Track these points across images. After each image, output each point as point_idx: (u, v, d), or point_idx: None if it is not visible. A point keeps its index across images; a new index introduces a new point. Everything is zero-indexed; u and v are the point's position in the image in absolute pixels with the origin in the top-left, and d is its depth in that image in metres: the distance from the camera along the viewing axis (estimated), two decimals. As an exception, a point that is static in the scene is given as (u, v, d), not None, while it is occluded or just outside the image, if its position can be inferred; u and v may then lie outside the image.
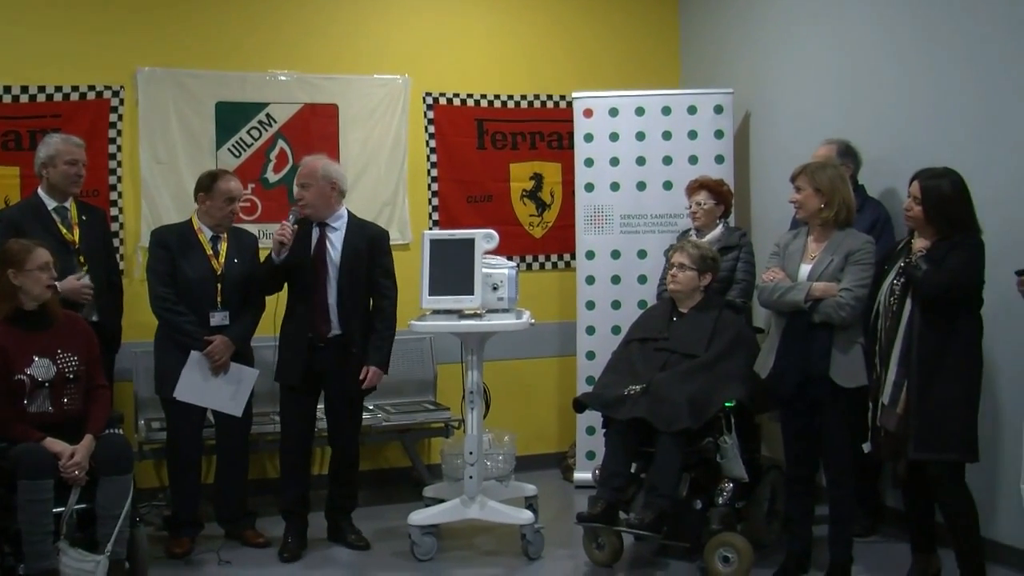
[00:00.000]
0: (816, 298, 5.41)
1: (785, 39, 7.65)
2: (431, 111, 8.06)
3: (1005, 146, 5.49)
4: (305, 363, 6.20)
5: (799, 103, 7.48)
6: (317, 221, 6.25)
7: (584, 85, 8.00)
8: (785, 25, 7.66)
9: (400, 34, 8.01)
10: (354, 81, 7.85)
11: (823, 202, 5.53)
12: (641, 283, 7.66)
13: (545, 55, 8.38)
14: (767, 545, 6.10)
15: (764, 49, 7.86)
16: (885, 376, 5.34)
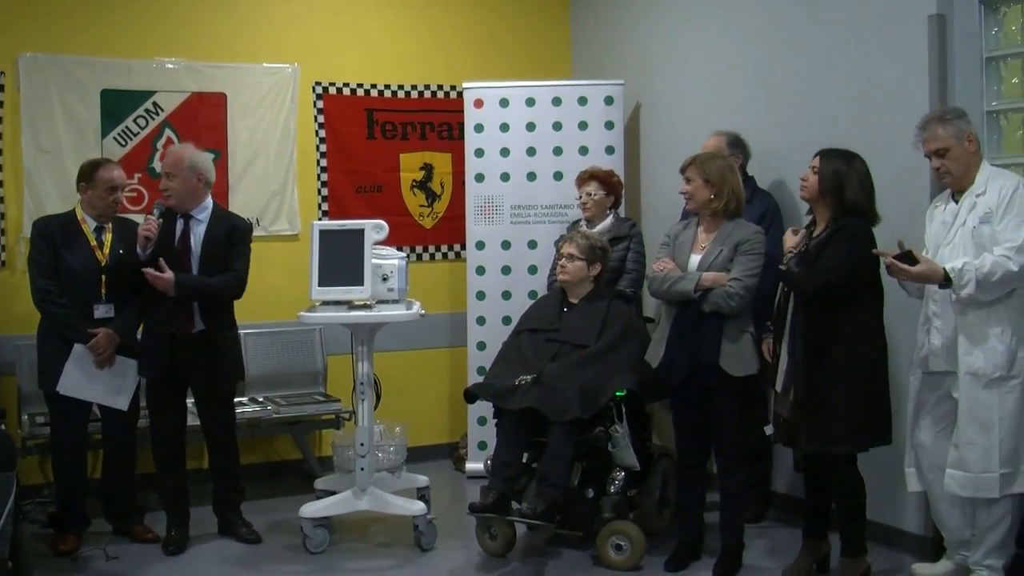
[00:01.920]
0: (706, 288, 5.48)
1: (675, 30, 7.72)
2: (320, 101, 8.00)
3: (893, 135, 5.59)
4: (168, 358, 6.12)
5: (689, 94, 7.56)
6: (182, 212, 6.17)
7: (475, 75, 8.00)
8: (675, 16, 7.72)
9: (290, 23, 7.93)
10: (243, 70, 7.76)
11: (713, 193, 5.59)
12: (531, 273, 7.67)
13: (436, 45, 8.35)
14: (659, 532, 6.17)
15: (654, 40, 7.92)
16: (779, 364, 5.45)
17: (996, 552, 5.18)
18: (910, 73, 5.82)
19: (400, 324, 6.19)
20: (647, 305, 6.89)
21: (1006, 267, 4.90)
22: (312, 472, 7.33)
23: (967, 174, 5.17)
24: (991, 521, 5.15)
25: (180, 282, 5.97)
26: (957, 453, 5.14)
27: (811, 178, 5.38)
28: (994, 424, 5.04)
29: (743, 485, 5.85)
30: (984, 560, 5.21)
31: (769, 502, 6.70)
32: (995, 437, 5.04)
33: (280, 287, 7.34)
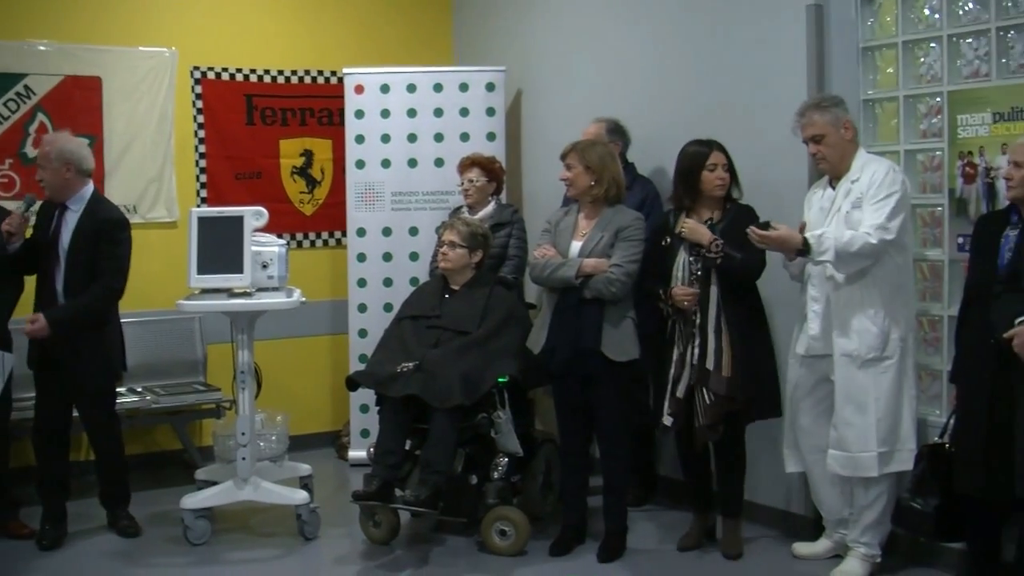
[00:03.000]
0: (587, 274, 5.52)
1: (557, 18, 7.74)
2: (199, 85, 7.87)
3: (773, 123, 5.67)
4: (39, 349, 6.00)
5: (570, 81, 7.59)
6: (58, 203, 6.04)
7: (355, 61, 7.93)
8: (557, 3, 7.75)
9: (167, 6, 7.76)
10: (118, 53, 7.58)
11: (593, 179, 5.63)
12: (413, 260, 7.65)
13: (316, 30, 8.27)
14: (543, 517, 6.20)
15: (536, 27, 7.94)
16: (706, 345, 5.51)
17: (873, 530, 5.32)
18: (788, 61, 5.91)
19: (281, 312, 6.12)
20: (529, 291, 6.91)
21: (865, 239, 5.05)
22: (193, 462, 7.24)
23: (843, 160, 5.30)
24: (868, 500, 5.28)
25: (54, 322, 5.85)
26: (836, 434, 5.27)
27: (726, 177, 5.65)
28: (870, 404, 5.18)
29: (626, 469, 5.92)
30: (861, 538, 5.34)
31: (652, 485, 6.77)
32: (872, 417, 5.17)
33: (158, 275, 7.21)
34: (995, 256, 4.75)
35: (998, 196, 5.02)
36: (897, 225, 5.10)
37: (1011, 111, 5.15)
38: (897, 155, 5.65)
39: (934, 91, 5.56)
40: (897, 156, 5.64)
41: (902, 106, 5.70)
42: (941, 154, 5.52)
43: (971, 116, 5.32)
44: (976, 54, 5.39)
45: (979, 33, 5.34)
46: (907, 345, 5.26)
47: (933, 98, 5.59)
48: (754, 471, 5.95)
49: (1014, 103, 5.13)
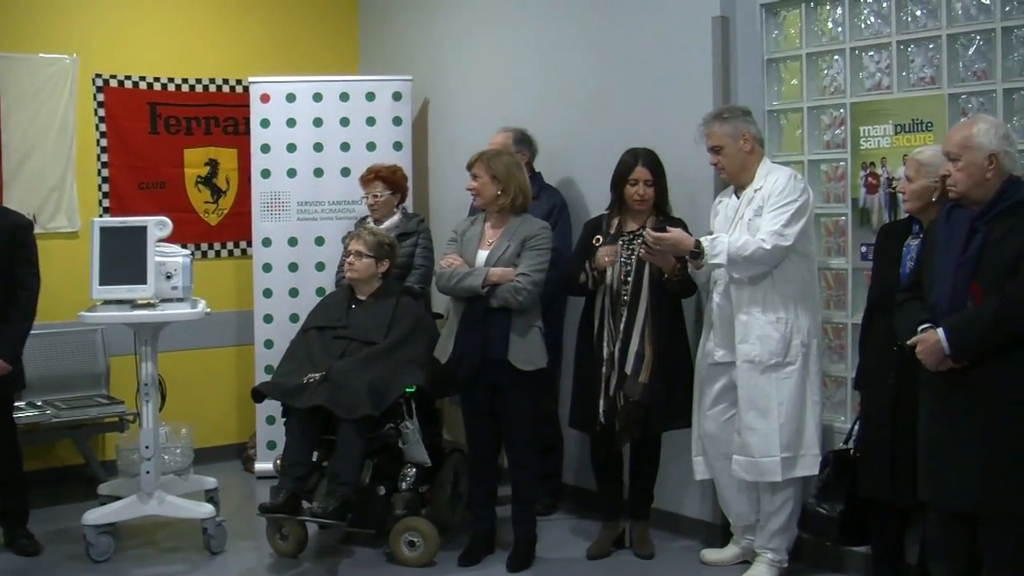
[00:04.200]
0: (493, 283, 5.52)
1: (463, 27, 7.74)
2: (101, 93, 7.73)
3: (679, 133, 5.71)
4: None
5: (477, 91, 7.59)
6: None
7: (261, 70, 7.86)
8: (463, 13, 7.75)
9: (68, 12, 7.60)
10: (17, 60, 7.42)
11: (499, 189, 5.63)
12: (319, 270, 7.59)
13: (221, 38, 8.17)
14: (452, 527, 6.18)
15: (443, 36, 7.92)
16: (628, 349, 5.58)
17: (780, 535, 5.40)
18: (695, 73, 5.97)
19: (185, 323, 6.05)
20: (436, 301, 6.89)
21: (759, 245, 5.15)
22: (96, 477, 7.09)
23: (743, 170, 5.39)
24: (775, 506, 5.36)
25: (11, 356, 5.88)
26: (740, 439, 5.35)
27: (648, 192, 5.73)
28: (772, 410, 5.26)
29: (534, 478, 5.93)
30: (769, 544, 5.42)
31: (560, 494, 6.79)
32: (774, 422, 5.25)
33: (59, 286, 7.04)
34: (898, 265, 4.84)
35: (900, 206, 5.10)
36: (795, 232, 5.18)
37: (912, 123, 5.26)
38: (801, 165, 5.73)
39: (837, 103, 5.66)
40: (801, 166, 5.72)
41: (806, 117, 5.79)
42: (844, 164, 5.61)
43: (873, 127, 5.43)
44: (878, 67, 5.50)
45: (881, 47, 5.46)
46: (810, 351, 5.34)
47: (836, 109, 5.68)
48: (664, 478, 6.01)
49: (915, 115, 5.24)
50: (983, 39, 5.08)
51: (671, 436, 5.87)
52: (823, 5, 5.72)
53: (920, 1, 5.30)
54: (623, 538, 6.01)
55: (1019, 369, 4.12)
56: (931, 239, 4.45)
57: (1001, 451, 4.11)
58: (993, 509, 4.16)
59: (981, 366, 4.13)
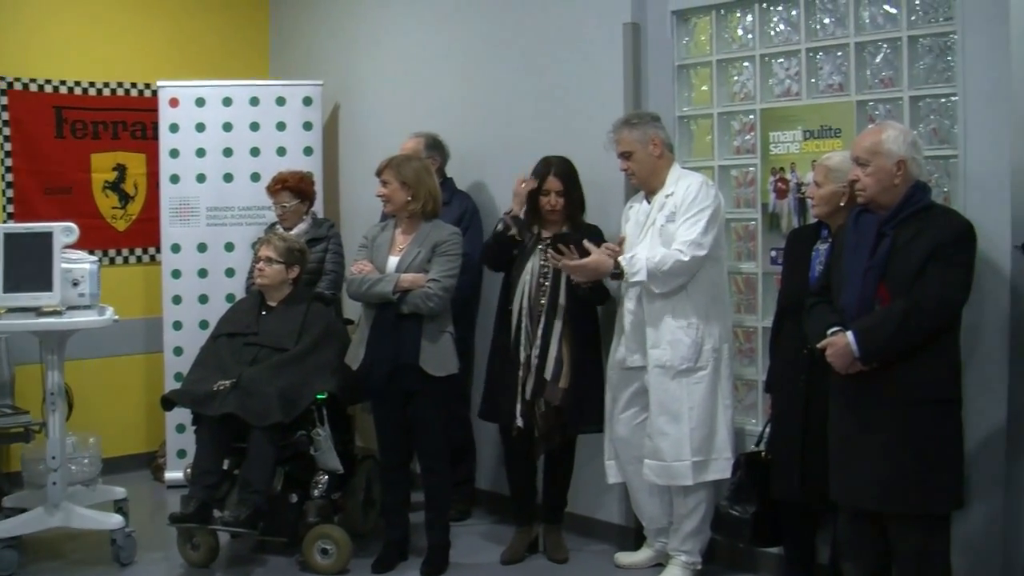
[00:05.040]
0: (404, 289, 5.50)
1: (374, 32, 7.71)
2: (4, 96, 7.57)
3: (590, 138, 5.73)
4: None
5: (388, 96, 7.57)
6: None
7: (170, 74, 7.76)
8: (374, 18, 7.72)
9: (-30, 15, 7.50)
10: (-85, 64, 7.30)
11: (409, 195, 5.62)
12: (229, 276, 7.51)
13: (129, 41, 8.04)
14: (365, 534, 6.15)
15: (354, 41, 7.88)
16: (547, 354, 5.61)
17: (693, 538, 5.44)
18: (606, 78, 6.01)
19: (92, 331, 5.92)
20: (347, 307, 6.85)
21: (677, 257, 5.19)
22: (0, 489, 6.96)
23: (653, 176, 5.43)
24: (687, 509, 5.40)
25: None
26: (651, 443, 5.38)
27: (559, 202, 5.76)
28: (684, 414, 5.30)
29: (447, 484, 5.91)
30: (682, 546, 5.46)
31: (473, 499, 6.78)
32: (686, 427, 5.30)
33: (-39, 294, 6.95)
34: (807, 269, 4.91)
35: (809, 211, 5.16)
36: (710, 240, 5.24)
37: (820, 129, 5.32)
38: (711, 170, 5.79)
39: (747, 109, 5.72)
40: (711, 171, 5.77)
41: (716, 123, 5.84)
42: (754, 170, 5.67)
43: (783, 133, 5.49)
44: (787, 74, 5.57)
45: (790, 54, 5.53)
46: (721, 356, 5.39)
47: (746, 115, 5.75)
48: (577, 483, 6.03)
49: (823, 121, 5.31)
50: (890, 47, 5.16)
51: (584, 440, 5.89)
52: (733, 12, 5.78)
53: (829, 10, 5.38)
54: (537, 543, 6.04)
55: (926, 370, 4.22)
56: (839, 243, 4.52)
57: (909, 451, 4.20)
58: (902, 508, 4.25)
59: (889, 368, 4.21)
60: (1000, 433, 4.69)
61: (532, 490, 6.03)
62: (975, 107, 4.75)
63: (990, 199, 4.67)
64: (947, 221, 4.29)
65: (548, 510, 6.02)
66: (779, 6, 5.59)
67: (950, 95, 4.93)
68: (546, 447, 5.79)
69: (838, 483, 4.42)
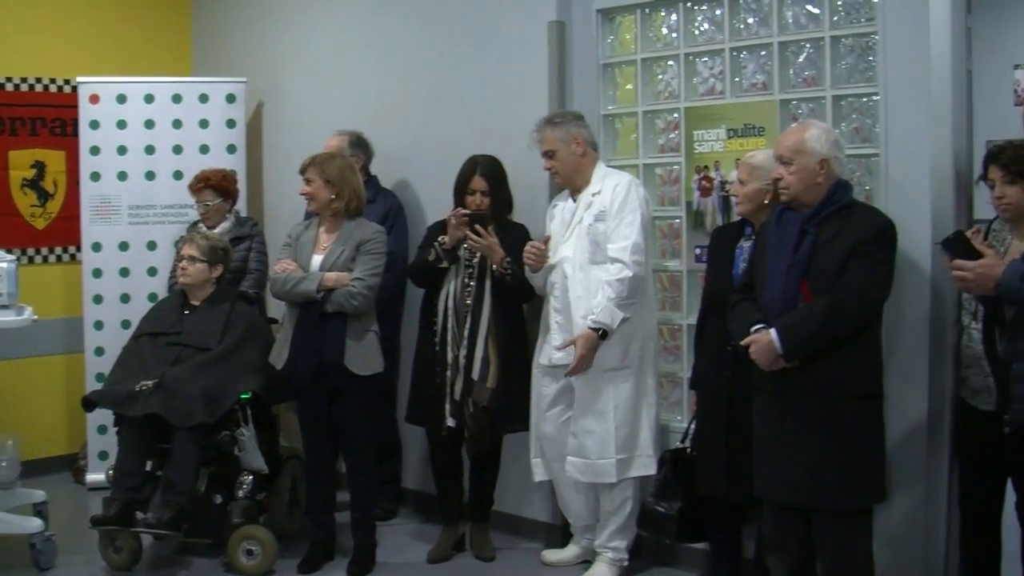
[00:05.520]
0: (328, 288, 5.47)
1: (298, 29, 7.65)
2: (-84, 92, 7.47)
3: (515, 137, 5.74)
4: None
5: (313, 93, 7.51)
6: None
7: (90, 70, 7.65)
8: (298, 14, 7.66)
9: None
10: None
11: (333, 193, 5.59)
12: (151, 275, 7.42)
13: (48, 36, 7.91)
14: (291, 535, 6.11)
15: (277, 38, 7.82)
16: (474, 354, 5.62)
17: (619, 534, 5.47)
18: (531, 76, 6.02)
19: (10, 331, 5.83)
20: (271, 306, 6.80)
21: (626, 277, 5.23)
22: (-84, 493, 6.85)
23: (577, 174, 5.45)
24: (613, 505, 5.43)
25: None
26: (576, 441, 5.39)
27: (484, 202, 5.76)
28: (609, 412, 5.34)
29: (373, 483, 5.90)
30: (609, 543, 5.49)
31: (400, 499, 6.76)
32: (611, 425, 5.33)
33: None
34: (731, 267, 4.95)
35: (732, 209, 5.21)
36: (644, 244, 5.28)
37: (744, 128, 5.37)
38: (636, 169, 5.82)
39: (672, 107, 5.76)
40: (636, 170, 5.80)
41: (641, 121, 5.87)
42: (678, 168, 5.71)
43: (707, 132, 5.53)
44: (711, 72, 5.61)
45: (714, 53, 5.58)
46: (647, 354, 5.43)
47: (671, 114, 5.78)
48: (504, 481, 6.04)
49: (747, 120, 5.36)
50: (813, 47, 5.23)
51: (511, 439, 5.89)
52: (658, 11, 5.82)
53: (752, 9, 5.43)
54: (464, 541, 6.03)
55: (848, 367, 4.27)
56: (763, 241, 4.56)
57: (832, 447, 4.25)
58: (825, 503, 4.30)
59: (812, 365, 4.26)
60: (921, 427, 4.77)
61: (459, 488, 6.03)
62: (896, 106, 4.83)
63: (910, 197, 4.75)
64: (868, 219, 4.35)
65: (475, 508, 6.01)
66: (703, 6, 5.64)
67: (871, 94, 5.00)
68: (476, 447, 5.80)
69: (762, 479, 4.47)
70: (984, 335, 4.31)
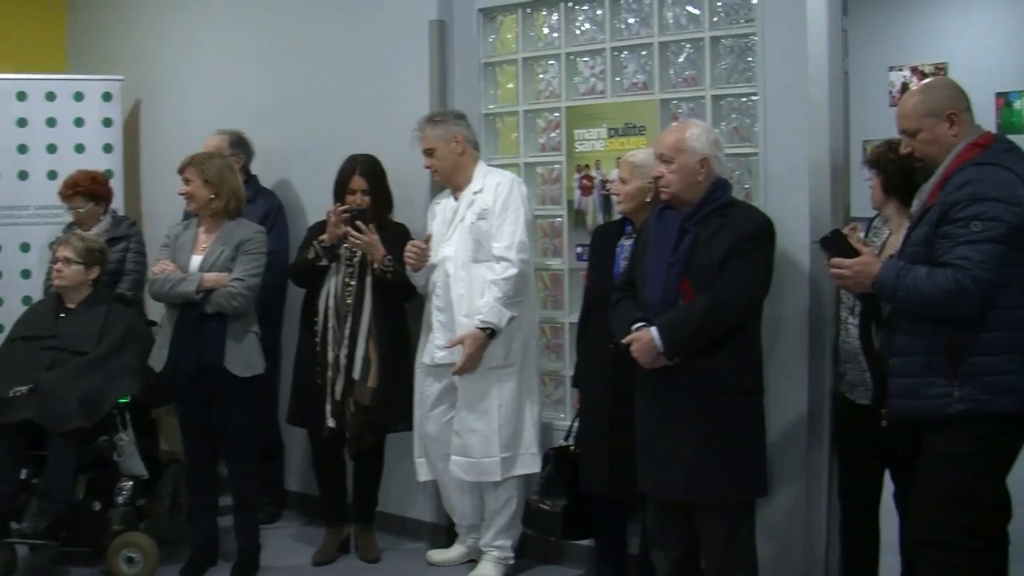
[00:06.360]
0: (208, 289, 5.39)
1: (176, 26, 7.54)
2: None
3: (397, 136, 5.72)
4: None
5: (191, 92, 7.41)
6: None
7: (-42, 67, 7.48)
8: (177, 12, 7.55)
9: None
10: None
11: (212, 193, 5.51)
12: (25, 278, 7.26)
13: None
14: (173, 541, 6.00)
15: (156, 35, 7.69)
16: (355, 354, 5.59)
17: (505, 533, 5.50)
18: (412, 75, 6.00)
19: None
20: (150, 308, 6.69)
21: (512, 274, 5.25)
22: None
23: (457, 173, 5.48)
24: (498, 504, 5.45)
25: None
26: (460, 440, 5.40)
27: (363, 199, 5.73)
28: (493, 411, 5.37)
29: (256, 486, 5.84)
30: (494, 541, 5.51)
31: (283, 501, 6.71)
32: (494, 423, 5.36)
33: None
34: (612, 265, 4.99)
35: (613, 208, 5.24)
36: (528, 242, 5.32)
37: (625, 127, 5.41)
38: (517, 167, 5.83)
39: (553, 106, 5.78)
40: (517, 168, 5.82)
41: (522, 120, 5.89)
42: (560, 167, 5.73)
43: (588, 131, 5.56)
44: (592, 72, 5.64)
45: (595, 52, 5.61)
46: (529, 352, 5.46)
47: (552, 113, 5.81)
48: (388, 481, 6.02)
49: (627, 119, 5.40)
50: (693, 47, 5.29)
51: (394, 439, 5.88)
52: (539, 11, 5.84)
53: (633, 10, 5.48)
54: (348, 543, 6.00)
55: (729, 363, 4.34)
56: (643, 239, 4.59)
57: (713, 443, 4.31)
58: (708, 497, 4.36)
59: (693, 362, 4.30)
60: (801, 422, 4.85)
61: (342, 490, 5.99)
62: (775, 107, 4.91)
63: (789, 196, 4.82)
64: (747, 217, 4.41)
65: (359, 510, 5.99)
66: (584, 5, 5.67)
67: (751, 94, 5.08)
68: (357, 447, 5.77)
69: (646, 475, 4.51)
70: (861, 330, 4.40)
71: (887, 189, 4.47)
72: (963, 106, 3.96)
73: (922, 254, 3.82)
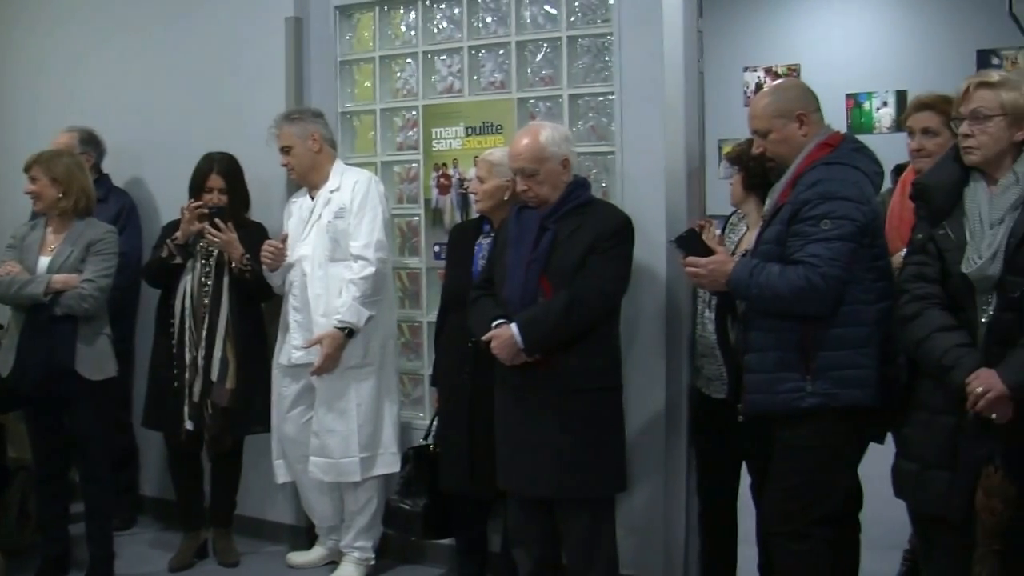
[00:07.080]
0: (57, 290, 5.26)
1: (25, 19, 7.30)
2: None
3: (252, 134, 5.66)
4: None
5: (40, 89, 7.18)
6: None
7: None
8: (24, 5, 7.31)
9: None
10: None
11: (60, 192, 5.38)
12: None
13: None
14: (22, 551, 5.85)
15: (2, 29, 7.46)
16: (212, 355, 5.53)
17: (365, 534, 5.50)
18: (268, 72, 5.95)
19: None
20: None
21: (368, 274, 5.25)
22: None
23: (312, 171, 5.48)
24: (358, 505, 5.44)
25: None
26: (319, 441, 5.38)
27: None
28: (351, 411, 5.37)
29: (109, 492, 5.69)
30: (355, 543, 5.51)
31: (138, 507, 6.59)
32: (353, 423, 5.36)
33: None
34: (470, 263, 5.00)
35: (471, 206, 5.26)
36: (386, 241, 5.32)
37: (482, 125, 5.44)
38: (375, 166, 5.82)
39: (410, 105, 5.78)
40: (375, 167, 5.81)
41: (379, 119, 5.88)
42: (417, 166, 5.74)
43: (445, 130, 5.58)
44: (450, 71, 5.65)
45: (453, 51, 5.63)
46: (388, 351, 5.47)
47: (409, 112, 5.81)
48: (246, 484, 5.97)
49: (485, 118, 5.43)
50: (550, 47, 5.34)
51: (252, 440, 5.82)
52: (397, 9, 5.83)
53: (491, 8, 5.50)
54: (206, 548, 5.93)
55: (588, 360, 4.39)
56: (502, 237, 4.62)
57: (573, 439, 4.36)
58: (567, 494, 4.41)
59: (553, 358, 4.34)
60: (659, 418, 4.93)
61: (199, 494, 5.91)
62: (631, 106, 4.98)
63: (646, 195, 4.90)
64: (606, 216, 4.47)
65: (216, 513, 5.91)
66: (442, 4, 5.68)
67: (607, 94, 5.14)
68: (216, 449, 5.70)
69: (506, 472, 4.54)
70: (717, 324, 4.47)
71: (747, 186, 4.56)
72: (813, 107, 4.06)
73: (775, 252, 3.90)
